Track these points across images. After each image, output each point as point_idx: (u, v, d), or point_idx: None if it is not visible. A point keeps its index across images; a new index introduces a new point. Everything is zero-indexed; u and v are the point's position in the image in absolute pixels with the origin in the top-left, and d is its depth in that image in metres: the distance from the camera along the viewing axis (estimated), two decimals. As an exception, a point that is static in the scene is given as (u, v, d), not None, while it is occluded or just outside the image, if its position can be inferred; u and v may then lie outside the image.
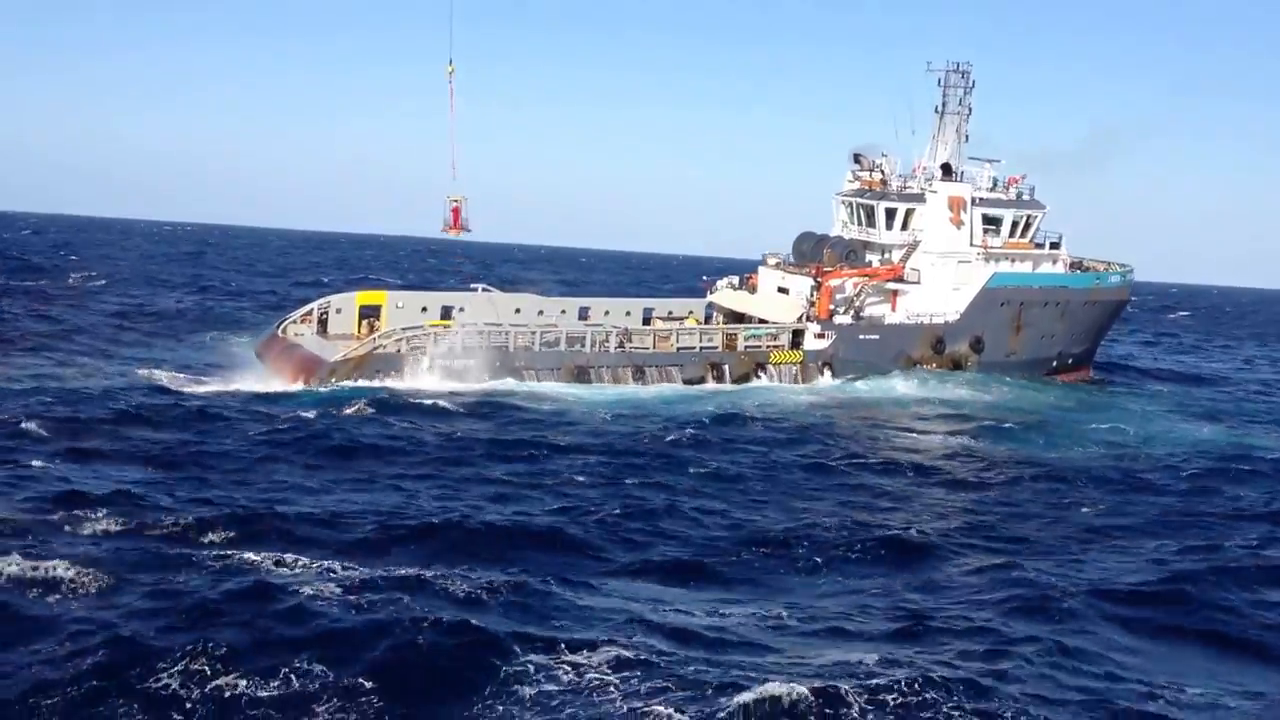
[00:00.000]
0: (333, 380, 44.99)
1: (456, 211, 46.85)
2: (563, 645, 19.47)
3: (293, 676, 18.04)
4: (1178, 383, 70.21)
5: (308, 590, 21.19)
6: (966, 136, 63.32)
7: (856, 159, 63.22)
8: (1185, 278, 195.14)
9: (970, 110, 62.93)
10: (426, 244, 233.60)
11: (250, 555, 23.09)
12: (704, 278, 69.20)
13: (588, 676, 18.58)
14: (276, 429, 36.78)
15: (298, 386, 44.64)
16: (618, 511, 29.17)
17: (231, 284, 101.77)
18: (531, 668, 18.70)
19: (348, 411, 40.18)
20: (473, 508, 28.72)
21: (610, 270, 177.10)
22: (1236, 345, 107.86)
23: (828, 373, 55.11)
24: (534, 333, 50.18)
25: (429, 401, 42.79)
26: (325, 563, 23.17)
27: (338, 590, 21.34)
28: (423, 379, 46.40)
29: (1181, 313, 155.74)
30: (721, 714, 17.26)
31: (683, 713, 17.37)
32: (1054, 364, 63.34)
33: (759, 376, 53.40)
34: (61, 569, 21.32)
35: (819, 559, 26.61)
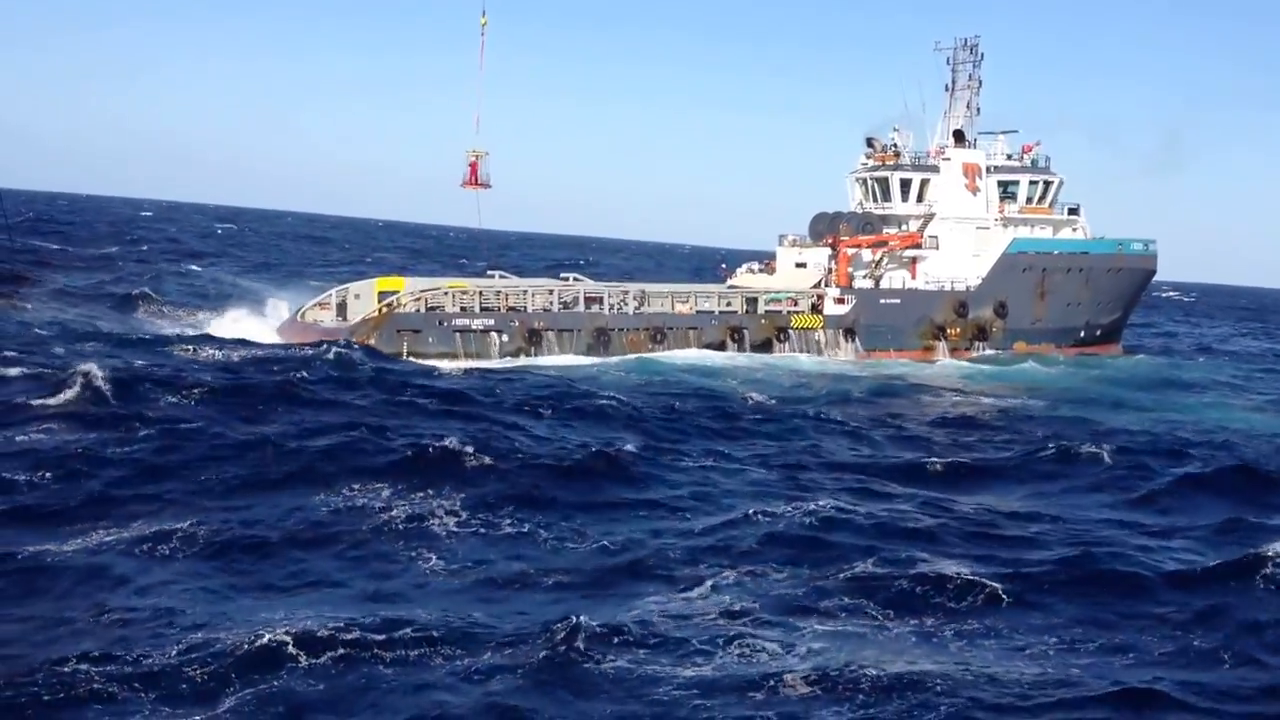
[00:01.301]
0: (353, 342, 44.50)
1: (474, 166, 46.64)
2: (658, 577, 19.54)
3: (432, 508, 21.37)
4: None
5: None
6: (978, 110, 63.17)
7: (869, 143, 62.94)
8: (1201, 277, 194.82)
9: (980, 84, 62.83)
10: (434, 228, 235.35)
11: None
12: (723, 265, 68.77)
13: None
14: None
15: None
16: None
17: (252, 258, 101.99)
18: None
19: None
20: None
21: (621, 255, 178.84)
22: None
23: (852, 341, 54.48)
24: (551, 292, 49.87)
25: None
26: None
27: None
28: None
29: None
30: (809, 623, 17.38)
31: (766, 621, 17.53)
32: (1081, 334, 62.56)
33: (780, 342, 52.82)
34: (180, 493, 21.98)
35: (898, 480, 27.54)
